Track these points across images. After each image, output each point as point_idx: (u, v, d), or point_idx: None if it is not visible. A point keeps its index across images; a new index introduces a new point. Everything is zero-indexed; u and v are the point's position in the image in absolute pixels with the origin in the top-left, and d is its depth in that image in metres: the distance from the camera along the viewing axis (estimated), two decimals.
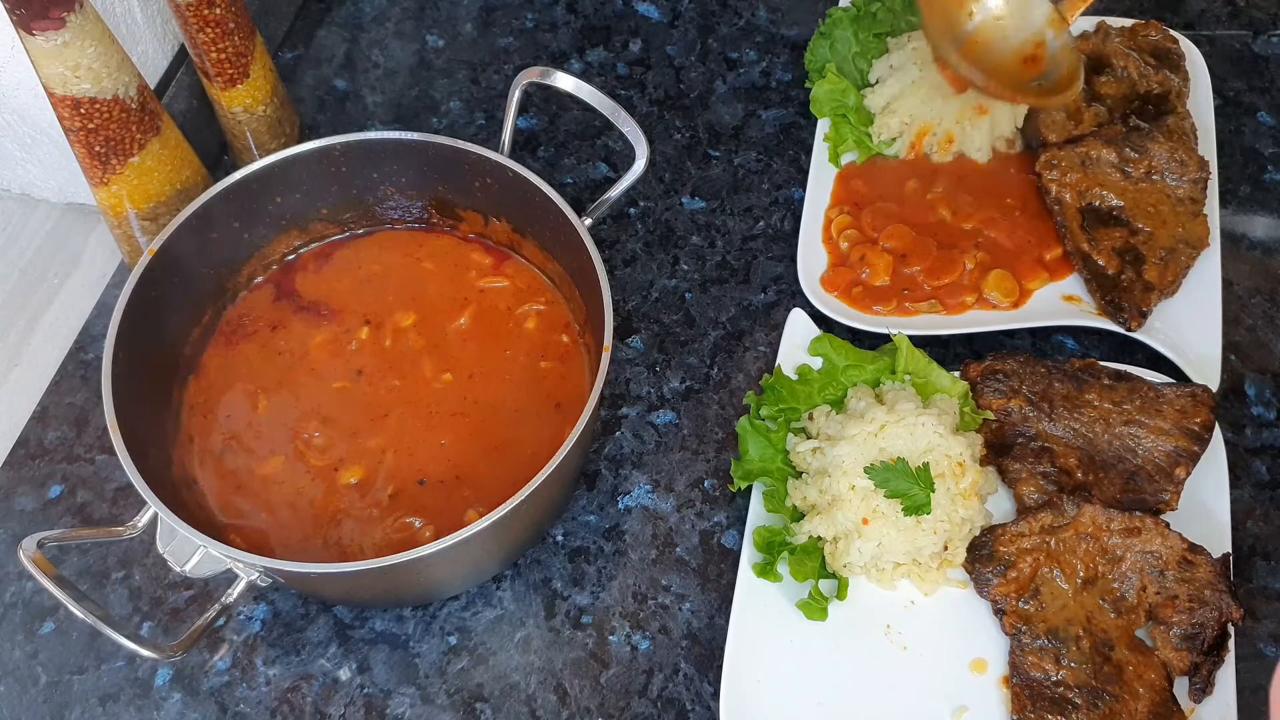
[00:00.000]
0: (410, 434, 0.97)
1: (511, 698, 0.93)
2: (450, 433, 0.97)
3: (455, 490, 0.95)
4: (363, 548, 0.92)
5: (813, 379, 1.03)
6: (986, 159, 1.17)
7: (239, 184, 0.98)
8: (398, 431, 0.97)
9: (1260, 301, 1.11)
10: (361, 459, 0.96)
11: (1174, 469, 0.95)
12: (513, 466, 0.95)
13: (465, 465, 0.96)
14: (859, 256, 1.10)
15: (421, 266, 1.06)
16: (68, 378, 1.10)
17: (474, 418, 0.98)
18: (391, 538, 0.92)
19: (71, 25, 0.88)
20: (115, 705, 0.93)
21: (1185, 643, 0.88)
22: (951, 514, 0.92)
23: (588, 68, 1.32)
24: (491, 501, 0.84)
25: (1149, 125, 1.13)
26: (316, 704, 0.93)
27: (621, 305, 1.13)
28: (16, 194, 1.22)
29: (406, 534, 0.93)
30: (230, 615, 0.97)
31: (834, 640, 0.92)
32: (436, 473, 0.95)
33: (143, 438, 0.88)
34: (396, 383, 1.00)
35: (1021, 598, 0.91)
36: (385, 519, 0.93)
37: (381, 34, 1.36)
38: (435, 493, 0.95)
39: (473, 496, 0.94)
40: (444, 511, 0.93)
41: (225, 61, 1.09)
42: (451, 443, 0.97)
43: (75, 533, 0.96)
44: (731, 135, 1.25)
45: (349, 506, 0.94)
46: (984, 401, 1.00)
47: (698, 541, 1.00)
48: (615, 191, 1.01)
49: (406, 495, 0.95)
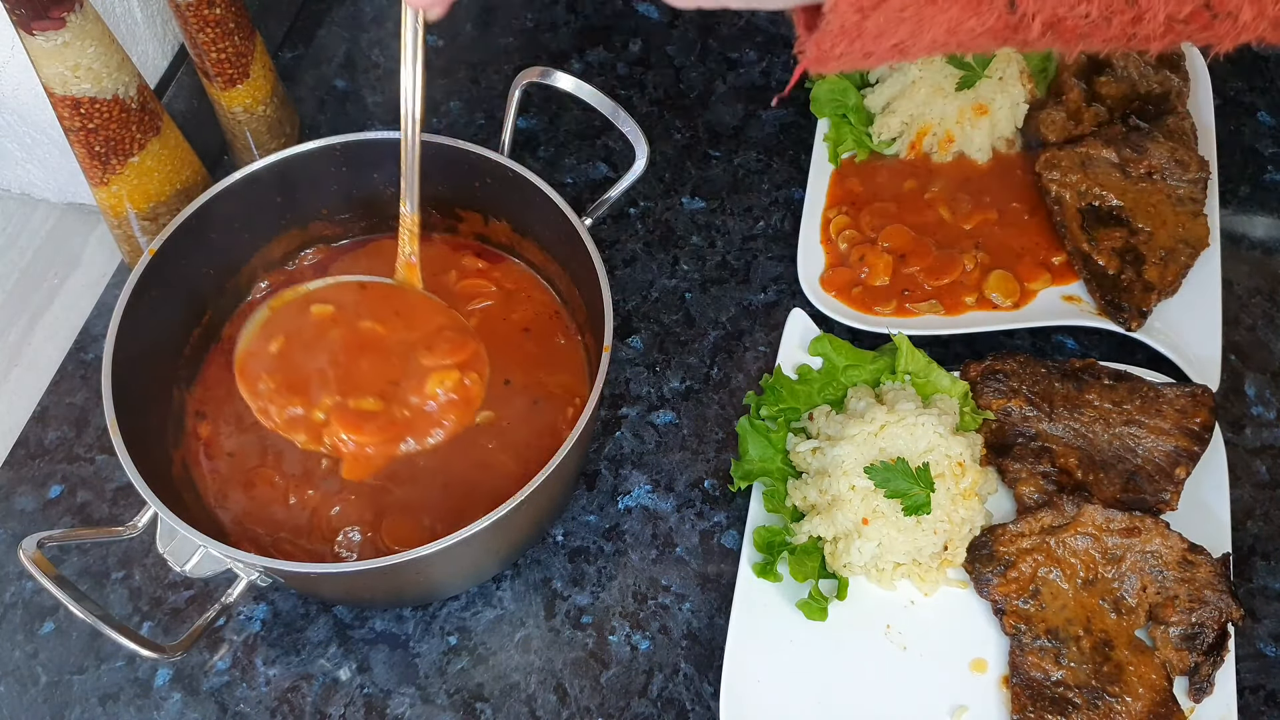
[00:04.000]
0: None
1: (511, 698, 0.93)
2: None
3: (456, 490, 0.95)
4: (363, 548, 0.92)
5: (813, 379, 1.03)
6: (986, 159, 1.17)
7: (239, 184, 0.98)
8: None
9: (1260, 301, 1.11)
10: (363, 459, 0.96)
11: (1174, 469, 0.95)
12: None
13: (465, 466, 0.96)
14: (858, 257, 1.10)
15: None
16: (68, 378, 1.10)
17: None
18: (392, 538, 0.92)
19: (71, 25, 0.88)
20: (115, 705, 0.93)
21: (1185, 643, 0.88)
22: (951, 514, 0.92)
23: (588, 68, 1.32)
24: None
25: (1149, 125, 1.13)
26: (316, 704, 0.93)
27: (621, 305, 1.13)
28: (16, 194, 1.22)
29: (407, 534, 0.93)
30: (230, 615, 0.97)
31: (834, 640, 0.92)
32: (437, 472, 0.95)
33: (143, 438, 0.88)
34: None
35: (1021, 598, 0.91)
36: (386, 518, 0.93)
37: (381, 34, 1.36)
38: (436, 493, 0.95)
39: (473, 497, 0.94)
40: (445, 511, 0.94)
41: (225, 61, 1.09)
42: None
43: (75, 533, 0.96)
44: (731, 135, 1.25)
45: (350, 506, 0.94)
46: (984, 401, 1.00)
47: (698, 541, 1.00)
48: (615, 191, 1.01)
49: (408, 495, 0.95)
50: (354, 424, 0.84)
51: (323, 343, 0.87)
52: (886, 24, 0.61)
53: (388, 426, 0.85)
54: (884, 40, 0.62)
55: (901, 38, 0.61)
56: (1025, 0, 0.59)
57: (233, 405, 1.00)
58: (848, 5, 0.59)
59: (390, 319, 0.89)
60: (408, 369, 0.86)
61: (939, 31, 0.61)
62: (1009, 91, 1.15)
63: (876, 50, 0.62)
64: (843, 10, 0.60)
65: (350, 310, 0.89)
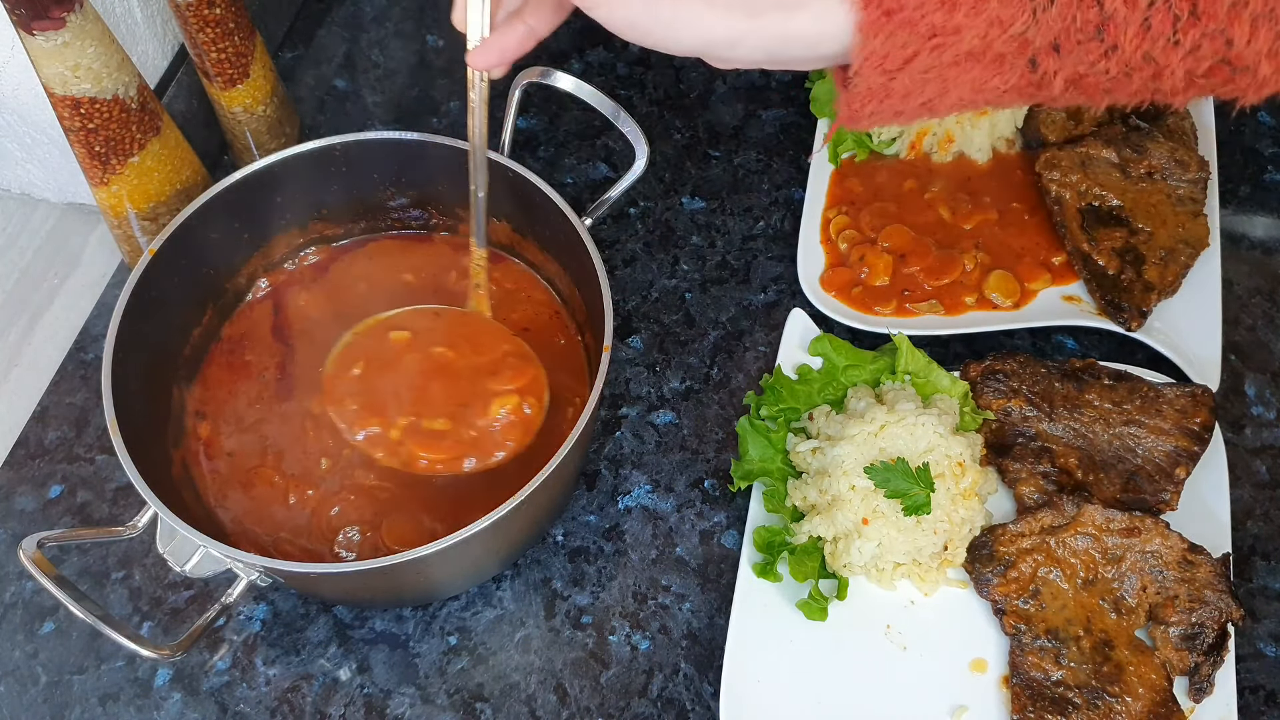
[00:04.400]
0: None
1: (511, 698, 0.93)
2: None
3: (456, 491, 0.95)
4: (362, 547, 0.93)
5: (813, 379, 1.03)
6: (986, 159, 1.17)
7: (239, 184, 0.98)
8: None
9: (1260, 301, 1.11)
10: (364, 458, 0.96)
11: (1174, 469, 0.95)
12: None
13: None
14: (858, 257, 1.10)
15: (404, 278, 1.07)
16: (68, 378, 1.10)
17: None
18: (392, 538, 0.93)
19: (71, 25, 0.88)
20: (115, 705, 0.93)
21: (1185, 643, 0.88)
22: (951, 514, 0.92)
23: (588, 68, 1.32)
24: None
25: (1149, 125, 1.13)
26: (316, 704, 0.93)
27: (621, 305, 1.13)
28: (16, 194, 1.22)
29: (407, 534, 0.93)
30: (230, 615, 0.97)
31: (834, 640, 0.92)
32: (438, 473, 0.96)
33: (143, 438, 0.88)
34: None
35: (1021, 598, 0.91)
36: (386, 519, 0.93)
37: (381, 34, 1.36)
38: (436, 493, 0.95)
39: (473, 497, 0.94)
40: (445, 511, 0.94)
41: (225, 61, 1.09)
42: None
43: (75, 533, 0.96)
44: (731, 135, 1.25)
45: (350, 506, 0.94)
46: (984, 401, 1.00)
47: (698, 541, 1.00)
48: (615, 191, 1.01)
49: (408, 495, 0.95)
50: (426, 443, 0.91)
51: (399, 367, 0.94)
52: (912, 85, 0.62)
53: (455, 446, 0.91)
54: (911, 100, 0.63)
55: (929, 97, 0.63)
56: (1045, 59, 0.60)
57: (233, 405, 1.00)
58: (872, 69, 0.61)
59: (460, 345, 0.95)
60: (475, 392, 0.93)
61: (964, 90, 0.62)
62: None
63: (906, 109, 0.64)
64: (868, 74, 0.61)
65: (424, 336, 0.95)
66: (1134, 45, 0.59)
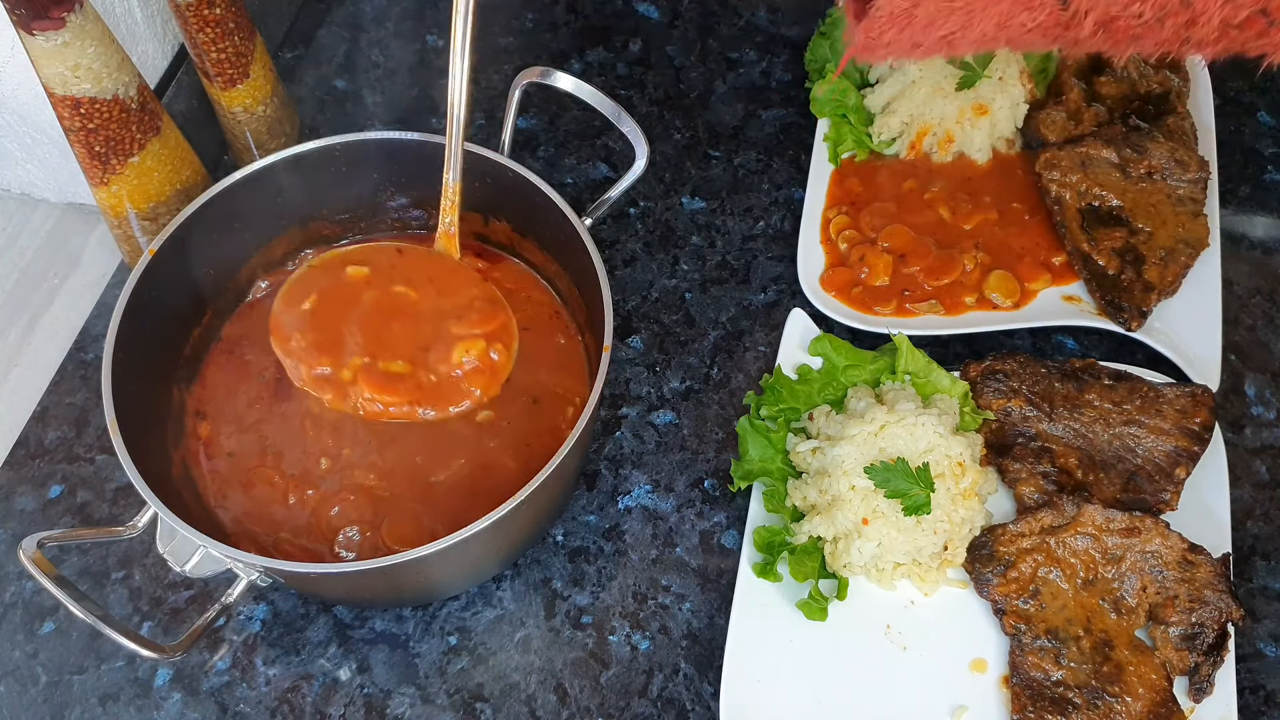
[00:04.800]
0: (413, 434, 0.97)
1: (511, 698, 0.93)
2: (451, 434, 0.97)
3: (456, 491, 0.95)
4: (362, 547, 0.93)
5: (813, 379, 1.03)
6: (986, 159, 1.17)
7: (239, 184, 0.98)
8: (401, 432, 0.97)
9: (1260, 301, 1.11)
10: (364, 459, 0.96)
11: (1174, 469, 0.95)
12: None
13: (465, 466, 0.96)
14: (858, 257, 1.10)
15: None
16: (68, 378, 1.10)
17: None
18: (392, 538, 0.93)
19: (71, 25, 0.88)
20: (115, 705, 0.93)
21: (1185, 643, 0.88)
22: (951, 514, 0.92)
23: (588, 68, 1.32)
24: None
25: (1149, 125, 1.13)
26: (316, 704, 0.93)
27: (621, 305, 1.13)
28: (16, 194, 1.22)
29: (407, 534, 0.93)
30: (230, 615, 0.97)
31: (834, 640, 0.92)
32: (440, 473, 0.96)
33: (143, 438, 0.88)
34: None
35: (1021, 598, 0.91)
36: (386, 519, 0.93)
37: (381, 34, 1.36)
38: (436, 493, 0.95)
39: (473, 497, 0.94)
40: (445, 511, 0.94)
41: (225, 61, 1.09)
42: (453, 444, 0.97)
43: (75, 533, 0.96)
44: (731, 135, 1.25)
45: (350, 506, 0.94)
46: (984, 401, 1.00)
47: (698, 541, 1.00)
48: (615, 191, 1.01)
49: (408, 495, 0.95)
50: (381, 385, 0.86)
51: (356, 304, 0.88)
52: (937, 14, 0.60)
53: (413, 391, 0.86)
54: (933, 30, 0.61)
55: (951, 29, 0.61)
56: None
57: (233, 405, 1.00)
58: None
59: (424, 285, 0.90)
60: (438, 335, 0.88)
61: (989, 25, 0.60)
62: (1009, 91, 1.15)
63: (925, 41, 0.61)
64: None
65: (385, 274, 0.90)
66: None
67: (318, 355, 0.87)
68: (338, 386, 0.86)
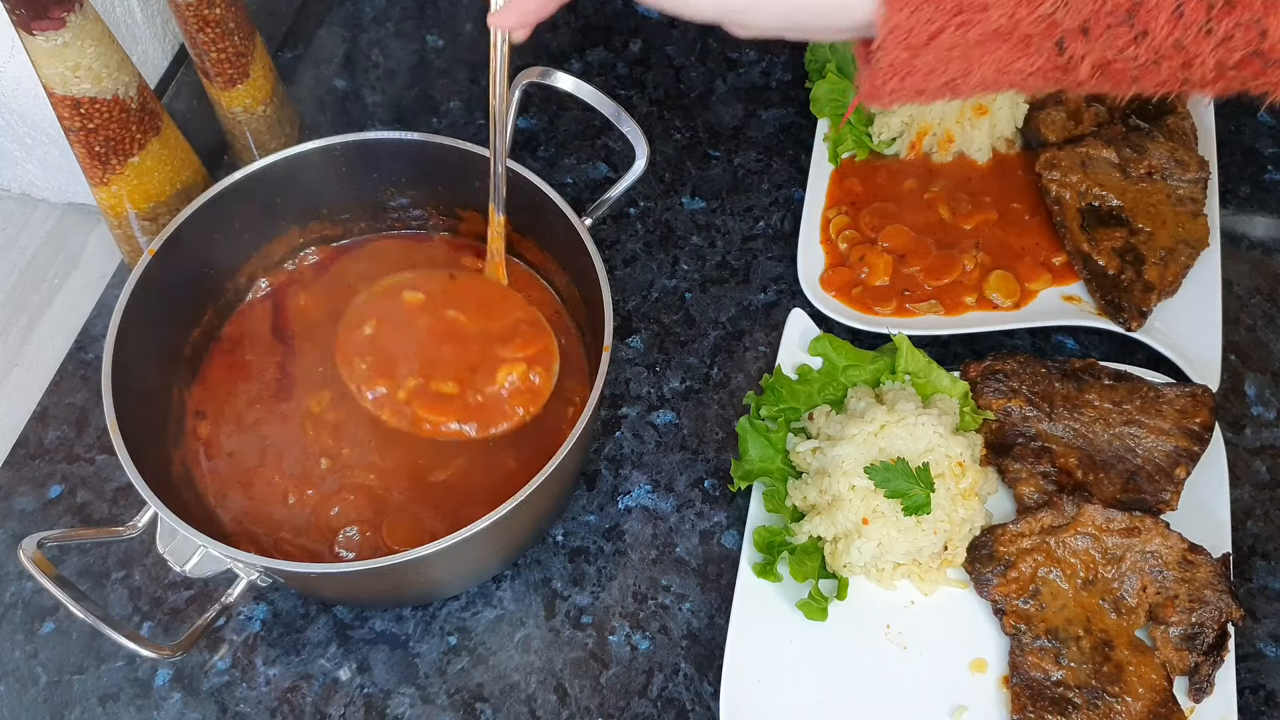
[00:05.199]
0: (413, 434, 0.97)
1: (511, 698, 0.93)
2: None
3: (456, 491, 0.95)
4: (362, 547, 0.93)
5: (813, 379, 1.03)
6: (986, 159, 1.17)
7: (239, 184, 0.98)
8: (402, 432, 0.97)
9: (1260, 301, 1.11)
10: (364, 459, 0.96)
11: (1174, 469, 0.95)
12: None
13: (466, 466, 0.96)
14: (858, 257, 1.10)
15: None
16: (68, 378, 1.10)
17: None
18: (392, 538, 0.93)
19: (71, 25, 0.88)
20: (115, 705, 0.93)
21: (1185, 643, 0.88)
22: (951, 514, 0.92)
23: (588, 68, 1.32)
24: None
25: (1149, 125, 1.13)
26: (316, 704, 0.93)
27: (621, 305, 1.13)
28: (16, 194, 1.22)
29: (407, 534, 0.93)
30: (230, 615, 0.97)
31: (834, 640, 0.92)
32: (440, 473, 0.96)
33: (143, 438, 0.88)
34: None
35: (1021, 598, 0.91)
36: (386, 519, 0.93)
37: (381, 34, 1.36)
38: (436, 493, 0.95)
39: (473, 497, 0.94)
40: (445, 511, 0.94)
41: (225, 61, 1.09)
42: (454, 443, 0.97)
43: (75, 533, 0.96)
44: (731, 135, 1.25)
45: (350, 506, 0.94)
46: (984, 401, 1.00)
47: (698, 541, 1.00)
48: (615, 191, 1.01)
49: (408, 495, 0.95)
50: (432, 406, 0.92)
51: (412, 328, 0.95)
52: (936, 62, 0.61)
53: (461, 410, 0.92)
54: (934, 78, 0.62)
55: (952, 76, 0.62)
56: (1074, 43, 0.59)
57: (233, 405, 1.00)
58: (896, 43, 0.59)
59: (473, 310, 0.96)
60: (484, 358, 0.93)
61: (988, 71, 0.61)
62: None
63: (928, 88, 0.62)
64: (891, 48, 0.60)
65: (439, 299, 0.96)
66: (1165, 32, 0.57)
67: (376, 378, 0.93)
68: (394, 406, 0.92)
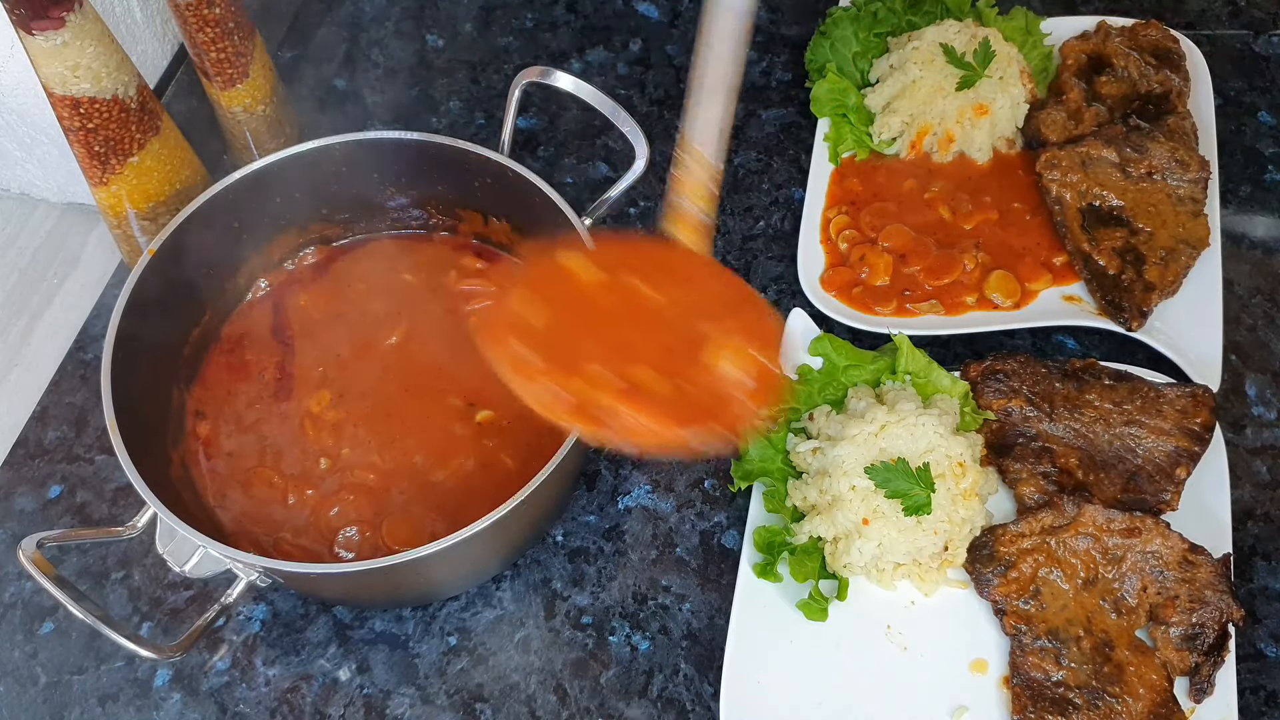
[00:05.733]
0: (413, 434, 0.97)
1: (511, 698, 0.93)
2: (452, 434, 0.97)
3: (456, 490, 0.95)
4: (362, 547, 0.92)
5: (813, 379, 1.02)
6: (987, 159, 1.17)
7: (239, 184, 0.98)
8: (401, 432, 0.97)
9: (1260, 301, 1.11)
10: (364, 459, 0.96)
11: (1174, 469, 0.95)
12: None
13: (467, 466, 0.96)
14: (859, 256, 1.10)
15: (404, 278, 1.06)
16: (68, 378, 1.10)
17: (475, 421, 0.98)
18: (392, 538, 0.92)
19: (71, 25, 0.88)
20: (115, 705, 0.93)
21: (1186, 643, 0.88)
22: (952, 514, 0.92)
23: (588, 68, 1.32)
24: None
25: (1149, 125, 1.13)
26: (316, 704, 0.93)
27: None
28: (16, 194, 1.22)
29: (407, 534, 0.93)
30: (230, 615, 0.96)
31: (834, 640, 0.92)
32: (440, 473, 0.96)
33: (143, 438, 0.88)
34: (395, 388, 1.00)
35: (1022, 598, 0.91)
36: (386, 519, 0.93)
37: (381, 34, 1.36)
38: (436, 493, 0.95)
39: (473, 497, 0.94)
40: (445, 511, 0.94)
41: (225, 61, 1.09)
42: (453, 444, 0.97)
43: (75, 533, 0.96)
44: (731, 135, 1.25)
45: (350, 506, 0.94)
46: (984, 401, 0.99)
47: (698, 541, 1.00)
48: (615, 191, 1.01)
49: (408, 495, 0.95)
50: (641, 405, 0.71)
51: (594, 310, 0.75)
52: None
53: (682, 410, 0.72)
54: None
55: None
56: None
57: (232, 405, 1.00)
58: None
59: (668, 286, 0.76)
60: (694, 345, 0.73)
61: None
62: (1009, 91, 1.15)
63: None
64: None
65: (623, 277, 0.76)
66: None
67: (562, 378, 0.72)
68: (591, 417, 0.72)
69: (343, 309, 1.05)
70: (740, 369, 0.72)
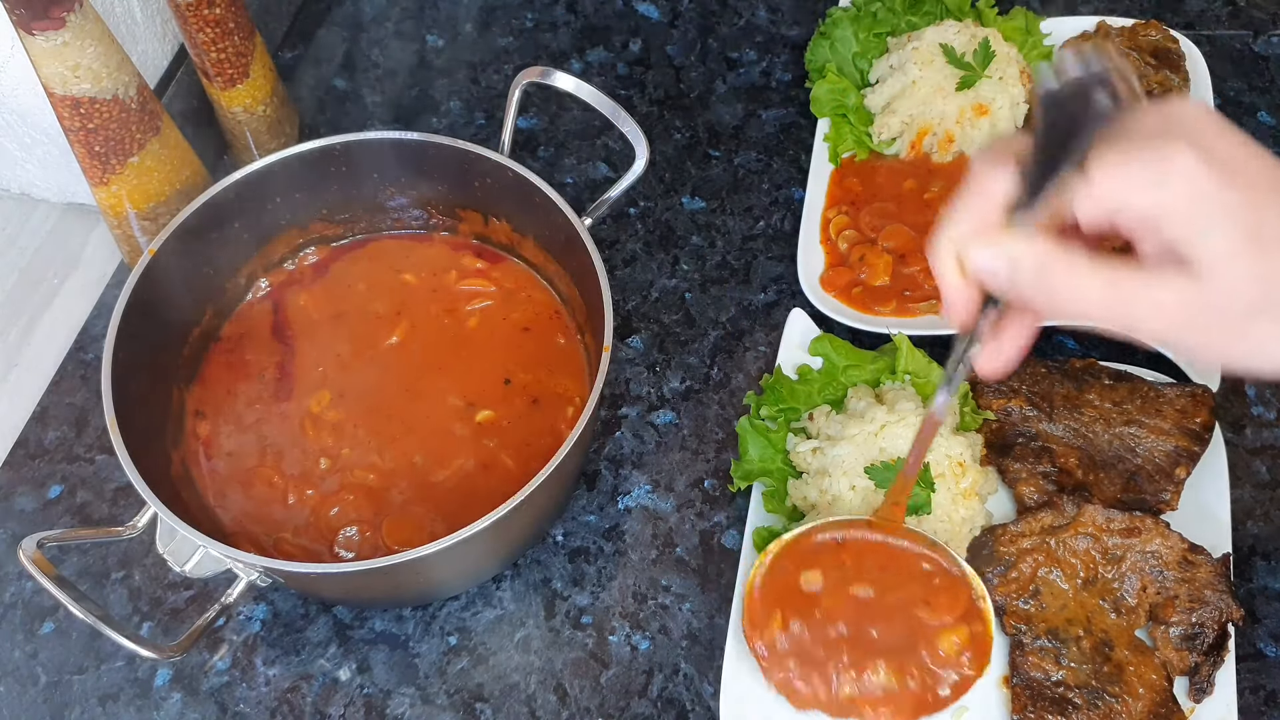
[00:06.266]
0: (413, 434, 0.97)
1: (511, 698, 0.93)
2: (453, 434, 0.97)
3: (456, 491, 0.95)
4: (362, 547, 0.92)
5: (813, 379, 1.02)
6: None
7: (239, 184, 0.98)
8: (402, 432, 0.97)
9: None
10: (364, 459, 0.96)
11: (1174, 469, 0.95)
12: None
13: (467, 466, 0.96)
14: (858, 256, 1.10)
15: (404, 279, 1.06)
16: (68, 378, 1.10)
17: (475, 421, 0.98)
18: (392, 538, 0.93)
19: (71, 25, 0.88)
20: (115, 705, 0.93)
21: (1185, 643, 0.88)
22: (951, 514, 0.92)
23: (588, 68, 1.32)
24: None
25: None
26: (316, 704, 0.93)
27: (621, 305, 1.13)
28: (16, 194, 1.22)
29: (407, 534, 0.93)
30: (230, 615, 0.97)
31: None
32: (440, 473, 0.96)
33: (143, 438, 0.88)
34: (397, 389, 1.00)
35: (1021, 598, 0.91)
36: (386, 519, 0.93)
37: (381, 34, 1.36)
38: (436, 492, 0.95)
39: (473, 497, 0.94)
40: (445, 511, 0.94)
41: (225, 61, 1.09)
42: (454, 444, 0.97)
43: (75, 533, 0.96)
44: (731, 135, 1.25)
45: (350, 506, 0.94)
46: (984, 401, 1.00)
47: (698, 541, 1.00)
48: (615, 191, 1.01)
49: (408, 495, 0.95)
50: (882, 701, 0.82)
51: (827, 615, 0.85)
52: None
53: (915, 699, 0.82)
54: None
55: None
56: None
57: (232, 405, 1.00)
58: None
59: (878, 576, 0.85)
60: (915, 632, 0.84)
61: None
62: (1009, 91, 1.15)
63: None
64: None
65: (838, 575, 0.86)
66: None
67: (810, 679, 0.84)
68: (839, 707, 0.83)
69: (343, 309, 1.05)
70: (960, 647, 0.83)
